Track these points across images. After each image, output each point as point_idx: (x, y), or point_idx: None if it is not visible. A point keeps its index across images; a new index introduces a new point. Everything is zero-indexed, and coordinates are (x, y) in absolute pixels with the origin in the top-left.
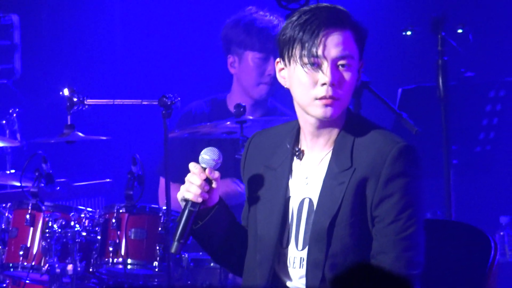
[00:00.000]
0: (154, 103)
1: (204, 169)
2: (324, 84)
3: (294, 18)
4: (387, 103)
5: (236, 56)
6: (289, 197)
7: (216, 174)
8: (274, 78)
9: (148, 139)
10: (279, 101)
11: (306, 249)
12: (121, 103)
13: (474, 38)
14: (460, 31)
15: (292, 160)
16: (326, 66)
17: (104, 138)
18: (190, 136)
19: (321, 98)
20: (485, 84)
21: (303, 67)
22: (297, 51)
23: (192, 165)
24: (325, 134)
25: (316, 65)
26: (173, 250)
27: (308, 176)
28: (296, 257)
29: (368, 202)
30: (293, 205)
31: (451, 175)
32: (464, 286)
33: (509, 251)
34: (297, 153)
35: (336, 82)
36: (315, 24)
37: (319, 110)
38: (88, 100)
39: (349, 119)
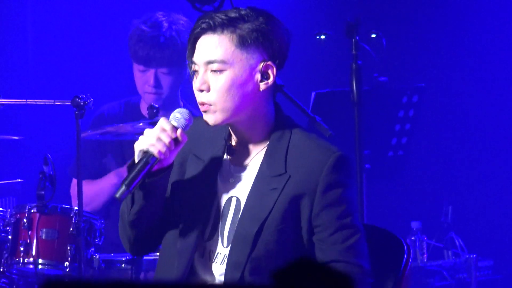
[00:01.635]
0: (67, 103)
1: (175, 128)
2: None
3: None
4: (300, 107)
5: (134, 63)
6: (215, 191)
7: (185, 138)
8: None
9: (61, 139)
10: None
11: (230, 247)
12: (34, 103)
13: (387, 43)
14: (373, 35)
15: (222, 154)
16: (200, 72)
17: (16, 138)
18: (102, 137)
19: (200, 105)
20: (398, 90)
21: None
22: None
23: (163, 121)
24: (253, 134)
25: (195, 72)
26: (118, 194)
27: (235, 175)
28: (220, 253)
29: (303, 211)
30: (220, 201)
31: (363, 180)
32: None
33: (420, 256)
34: (227, 149)
35: (206, 88)
36: (195, 30)
37: (204, 116)
38: (0, 100)
39: (280, 121)
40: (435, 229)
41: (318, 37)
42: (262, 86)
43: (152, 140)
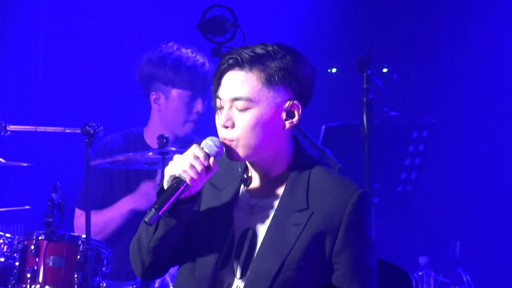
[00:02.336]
0: (77, 131)
1: (208, 156)
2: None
3: None
4: (310, 139)
5: (161, 93)
6: (231, 222)
7: (216, 165)
8: (200, 115)
9: (70, 167)
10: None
11: (244, 279)
12: (44, 130)
13: (398, 78)
14: (385, 70)
15: (239, 185)
16: (225, 108)
17: (25, 164)
18: (111, 165)
19: (222, 140)
20: (409, 125)
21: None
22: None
23: (196, 148)
24: (272, 169)
25: (219, 108)
26: (147, 218)
27: (253, 207)
28: (232, 284)
29: (326, 248)
30: (235, 232)
31: (371, 213)
32: None
33: None
34: (245, 180)
35: (230, 124)
36: (222, 65)
37: (225, 152)
38: (10, 126)
39: (298, 154)
40: (443, 265)
41: (329, 70)
42: (287, 125)
43: (185, 166)
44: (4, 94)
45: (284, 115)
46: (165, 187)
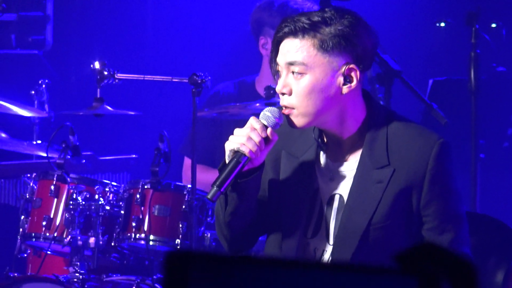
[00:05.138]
0: (185, 80)
1: (265, 127)
2: (280, 93)
3: None
4: (418, 93)
5: (268, 38)
6: (316, 190)
7: (275, 137)
8: None
9: (177, 116)
10: None
11: (334, 244)
12: (152, 79)
13: (507, 34)
14: (493, 25)
15: (316, 151)
16: (282, 74)
17: (132, 113)
18: (219, 116)
19: (283, 107)
20: None
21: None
22: None
23: (253, 120)
24: (344, 131)
25: (278, 74)
26: (209, 196)
27: (334, 170)
28: (326, 250)
29: (413, 203)
30: (321, 198)
31: (477, 169)
32: (488, 278)
33: None
34: (322, 145)
35: (287, 91)
36: (278, 33)
37: (287, 119)
38: (118, 75)
39: (372, 112)
40: None
41: (437, 25)
42: (345, 89)
43: (242, 139)
44: (112, 43)
45: (341, 80)
46: (227, 162)
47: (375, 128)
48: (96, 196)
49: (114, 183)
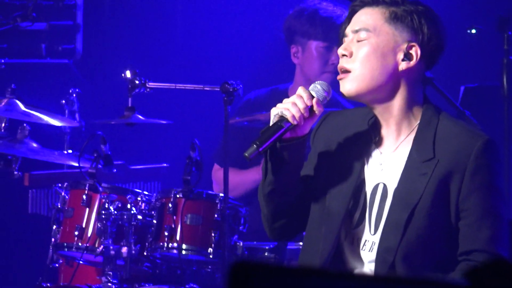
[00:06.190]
0: (216, 89)
1: (312, 97)
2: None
3: None
4: (450, 100)
5: (299, 46)
6: (363, 179)
7: (321, 108)
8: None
9: (208, 125)
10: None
11: (378, 234)
12: (183, 87)
13: None
14: None
15: (367, 143)
16: (347, 39)
17: (164, 122)
18: (250, 124)
19: (339, 70)
20: None
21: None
22: None
23: (301, 89)
24: (398, 120)
25: (343, 40)
26: (247, 153)
27: (383, 162)
28: (368, 240)
29: (452, 195)
30: (367, 188)
31: (502, 162)
32: None
33: None
34: (373, 138)
35: (348, 53)
36: (354, 3)
37: (340, 85)
38: (150, 83)
39: (428, 108)
40: None
41: (469, 31)
42: (403, 65)
43: (287, 105)
44: (143, 51)
45: (401, 55)
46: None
47: (427, 123)
48: (128, 206)
49: (146, 192)
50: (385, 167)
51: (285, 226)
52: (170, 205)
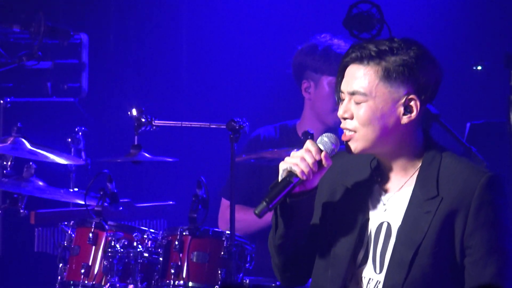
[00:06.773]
0: (222, 127)
1: (321, 151)
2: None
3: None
4: (456, 137)
5: (311, 81)
6: (367, 219)
7: (329, 162)
8: None
9: (214, 162)
10: None
11: (383, 273)
12: (189, 125)
13: None
14: None
15: (371, 183)
16: (345, 100)
17: (170, 159)
18: (257, 161)
19: (344, 130)
20: None
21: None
22: None
23: (309, 143)
24: (401, 162)
25: (341, 100)
26: (257, 210)
27: (386, 202)
28: (373, 279)
29: (457, 232)
30: (371, 228)
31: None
32: None
33: None
34: (376, 176)
35: (349, 116)
36: (345, 58)
37: (345, 145)
38: (156, 121)
39: (430, 146)
40: None
41: (475, 68)
42: (405, 119)
43: (296, 160)
44: (149, 89)
45: (401, 109)
46: (279, 181)
47: (430, 162)
48: (135, 243)
49: (152, 230)
50: (389, 206)
51: (296, 274)
52: (176, 242)
